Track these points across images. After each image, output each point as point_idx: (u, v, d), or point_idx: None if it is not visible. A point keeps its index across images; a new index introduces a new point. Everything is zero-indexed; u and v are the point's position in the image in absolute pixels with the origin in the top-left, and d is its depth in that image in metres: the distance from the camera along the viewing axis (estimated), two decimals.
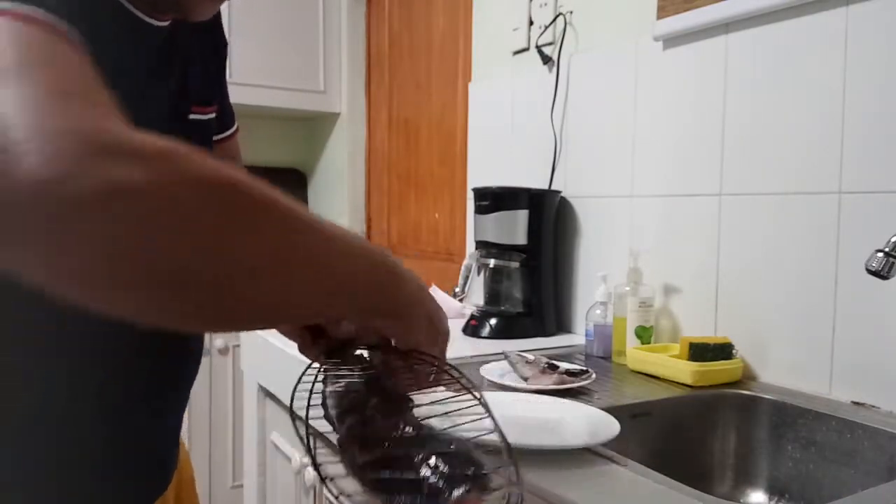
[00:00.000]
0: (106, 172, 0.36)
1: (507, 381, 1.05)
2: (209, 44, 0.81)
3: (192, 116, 0.77)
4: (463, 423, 0.50)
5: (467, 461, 0.45)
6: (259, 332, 1.47)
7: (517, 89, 1.71)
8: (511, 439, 0.57)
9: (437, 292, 1.73)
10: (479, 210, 1.51)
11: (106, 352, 0.66)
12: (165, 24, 0.70)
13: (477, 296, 1.58)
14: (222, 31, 0.84)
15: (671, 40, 1.29)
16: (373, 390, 0.53)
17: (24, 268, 0.37)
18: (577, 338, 1.48)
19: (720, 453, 1.06)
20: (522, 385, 1.03)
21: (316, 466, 0.47)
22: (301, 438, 0.49)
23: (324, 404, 0.55)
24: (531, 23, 1.65)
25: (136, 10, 0.65)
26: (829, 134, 1.04)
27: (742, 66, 1.17)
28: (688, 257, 1.27)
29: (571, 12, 1.53)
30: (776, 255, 1.12)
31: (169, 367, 0.77)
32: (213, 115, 0.81)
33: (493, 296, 1.53)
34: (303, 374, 0.56)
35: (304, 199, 2.99)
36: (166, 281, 0.38)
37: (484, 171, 1.84)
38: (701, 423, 1.06)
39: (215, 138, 0.86)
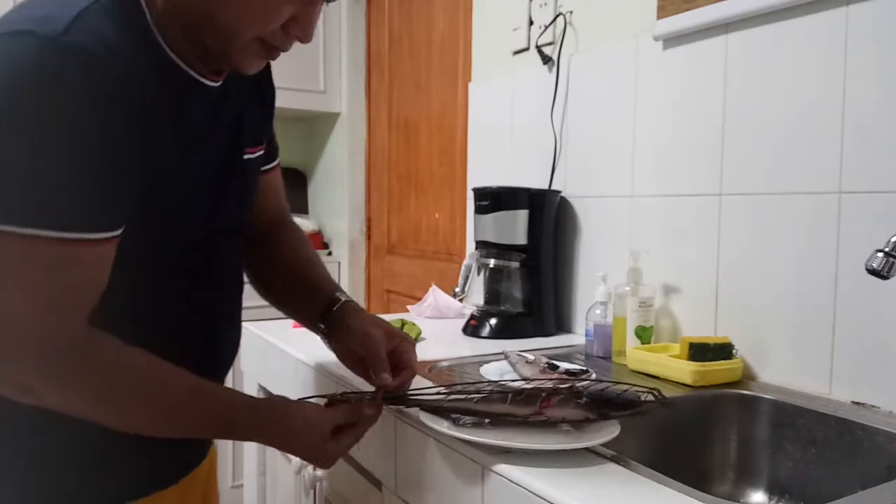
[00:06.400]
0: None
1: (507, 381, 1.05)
2: (257, 94, 0.95)
3: (245, 156, 0.91)
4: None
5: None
6: (260, 333, 1.47)
7: (517, 89, 1.71)
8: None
9: (437, 292, 1.73)
10: (479, 210, 1.51)
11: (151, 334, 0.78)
12: (219, 83, 0.83)
13: (477, 296, 1.58)
14: (271, 82, 0.98)
15: (671, 40, 1.29)
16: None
17: None
18: (577, 338, 1.48)
19: (720, 453, 1.06)
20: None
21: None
22: None
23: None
24: (531, 23, 1.65)
25: (196, 74, 0.79)
26: (829, 134, 1.04)
27: (742, 66, 1.17)
28: (688, 257, 1.26)
29: (571, 12, 1.53)
30: (776, 254, 1.12)
31: (205, 342, 0.89)
32: (261, 153, 0.96)
33: (493, 296, 1.53)
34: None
35: (305, 200, 2.99)
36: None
37: (484, 171, 1.84)
38: (701, 423, 1.06)
39: (262, 169, 1.00)
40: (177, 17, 0.75)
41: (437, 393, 0.89)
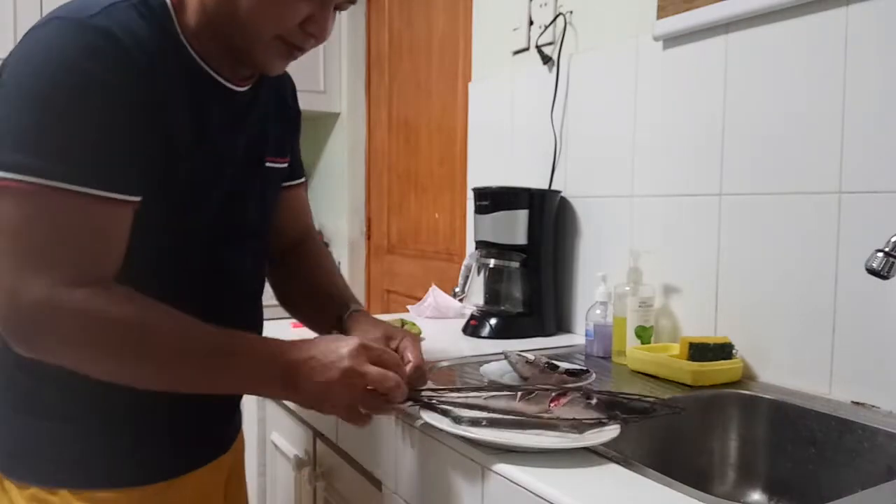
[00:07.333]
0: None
1: (507, 381, 1.05)
2: (284, 109, 1.02)
3: (267, 164, 0.97)
4: None
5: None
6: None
7: (517, 89, 1.71)
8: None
9: (437, 292, 1.73)
10: (479, 210, 1.51)
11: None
12: (246, 88, 0.90)
13: (477, 296, 1.58)
14: (296, 101, 1.07)
15: (671, 40, 1.29)
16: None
17: None
18: (577, 338, 1.48)
19: (720, 453, 1.06)
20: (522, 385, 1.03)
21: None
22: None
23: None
24: (531, 23, 1.65)
25: (221, 79, 0.86)
26: (829, 134, 1.04)
27: (742, 66, 1.17)
28: (688, 257, 1.26)
29: (571, 12, 1.53)
30: (776, 254, 1.12)
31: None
32: (285, 165, 1.03)
33: (493, 296, 1.53)
34: None
35: None
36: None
37: (484, 171, 1.84)
38: (701, 423, 1.06)
39: (284, 184, 1.06)
40: (209, 26, 0.82)
41: (440, 391, 0.88)
